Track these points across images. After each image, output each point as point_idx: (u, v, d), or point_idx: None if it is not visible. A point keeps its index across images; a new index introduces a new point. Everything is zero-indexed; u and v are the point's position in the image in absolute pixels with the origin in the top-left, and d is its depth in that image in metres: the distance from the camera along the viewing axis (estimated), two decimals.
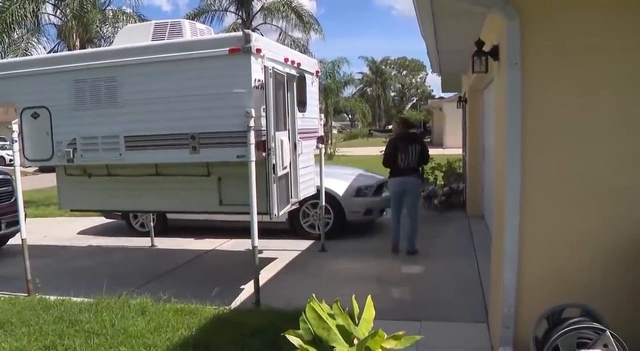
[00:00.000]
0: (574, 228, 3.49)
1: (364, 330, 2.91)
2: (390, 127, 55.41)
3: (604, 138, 3.40)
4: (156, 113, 5.31)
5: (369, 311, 3.01)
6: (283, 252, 7.49)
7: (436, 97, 61.18)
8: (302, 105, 6.50)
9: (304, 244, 8.00)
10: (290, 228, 8.34)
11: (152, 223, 8.27)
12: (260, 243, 5.35)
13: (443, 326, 4.64)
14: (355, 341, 2.77)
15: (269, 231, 7.69)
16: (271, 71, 5.16)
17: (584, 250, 3.47)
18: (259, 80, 5.15)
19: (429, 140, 43.58)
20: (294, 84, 6.16)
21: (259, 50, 5.10)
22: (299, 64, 6.32)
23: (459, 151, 20.80)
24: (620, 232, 3.40)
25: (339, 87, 32.53)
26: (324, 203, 7.56)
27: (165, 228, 8.79)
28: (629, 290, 3.39)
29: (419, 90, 69.91)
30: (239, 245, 8.11)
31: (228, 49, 5.02)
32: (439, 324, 4.68)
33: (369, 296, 3.09)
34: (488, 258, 6.73)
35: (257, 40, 5.11)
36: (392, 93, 65.06)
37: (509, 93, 3.48)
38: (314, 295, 2.98)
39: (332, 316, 2.89)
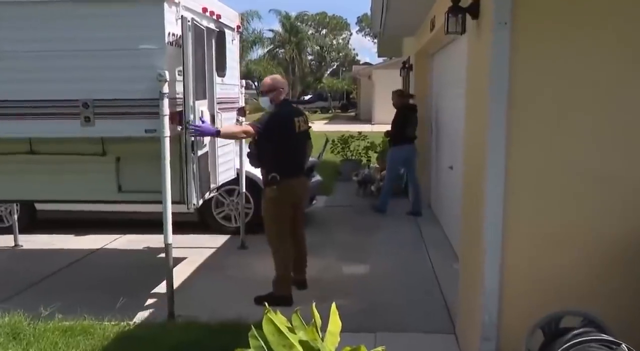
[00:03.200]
0: (567, 221, 3.60)
1: (329, 345, 2.87)
2: (307, 97, 55.85)
3: (600, 117, 3.53)
4: (35, 72, 4.89)
5: (335, 323, 2.96)
6: (193, 250, 7.32)
7: (361, 62, 62.21)
8: (221, 68, 6.30)
9: (219, 240, 7.87)
10: (200, 221, 8.15)
11: (15, 216, 7.73)
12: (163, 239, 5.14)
13: (402, 338, 4.70)
14: None
15: (173, 224, 7.45)
16: (190, 23, 4.94)
17: (579, 247, 3.60)
18: (173, 35, 4.92)
19: (353, 114, 44.27)
20: (213, 41, 5.98)
21: None
22: (218, 16, 6.11)
23: None
24: (620, 225, 3.56)
25: (246, 47, 32.16)
26: (244, 190, 7.44)
27: (33, 222, 8.27)
28: (629, 292, 3.57)
29: (340, 54, 70.53)
30: (134, 242, 7.85)
31: None
32: (397, 336, 4.74)
33: (334, 305, 3.04)
34: (442, 255, 7.02)
35: None
36: (309, 57, 65.18)
37: (495, 60, 3.51)
38: (266, 305, 2.89)
39: (291, 330, 2.82)
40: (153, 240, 7.73)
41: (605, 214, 3.58)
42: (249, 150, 5.82)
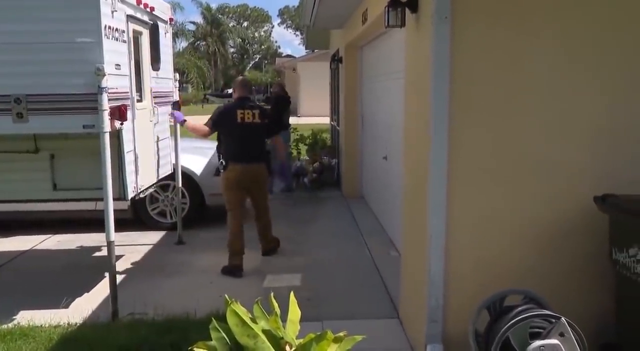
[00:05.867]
0: (505, 205, 3.81)
1: (290, 333, 2.94)
2: (230, 91, 55.34)
3: (536, 106, 3.74)
4: None
5: (295, 312, 3.04)
6: (130, 247, 7.18)
7: (283, 54, 62.22)
8: (155, 61, 6.25)
9: (155, 236, 7.77)
10: (134, 218, 8.02)
11: None
12: (97, 237, 5.05)
13: (348, 326, 4.66)
14: (288, 348, 2.79)
15: None
16: (125, 16, 4.88)
17: (517, 229, 3.81)
18: (109, 28, 4.84)
19: None
20: (147, 34, 5.93)
21: None
22: (152, 9, 6.04)
23: (319, 120, 21.50)
24: (553, 207, 3.80)
25: None
26: (180, 185, 7.39)
27: None
28: (564, 271, 3.82)
29: (263, 47, 70.35)
30: (64, 242, 7.63)
31: None
32: (343, 323, 4.80)
33: (292, 294, 3.11)
34: (378, 243, 7.21)
35: None
36: (232, 50, 64.65)
37: (436, 53, 3.66)
38: (227, 296, 2.92)
39: (253, 320, 2.87)
40: (84, 239, 7.57)
41: (540, 198, 3.81)
42: None
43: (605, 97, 3.76)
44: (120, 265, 6.49)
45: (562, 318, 3.02)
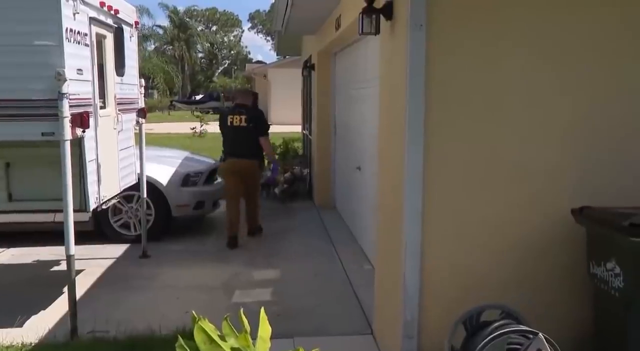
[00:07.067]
0: (482, 215, 3.82)
1: None
2: (198, 97, 55.19)
3: (513, 112, 3.78)
4: None
5: (265, 328, 2.99)
6: (92, 261, 7.04)
7: (253, 60, 62.25)
8: (120, 66, 6.17)
9: (118, 249, 7.62)
10: (95, 230, 7.88)
11: None
12: (56, 250, 4.93)
13: (320, 342, 4.70)
14: None
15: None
16: (88, 18, 4.81)
17: (494, 240, 3.83)
18: (71, 30, 4.76)
19: None
20: (112, 38, 5.85)
21: None
22: (116, 11, 5.96)
23: (290, 129, 21.46)
24: (530, 216, 3.83)
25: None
26: (145, 196, 7.28)
27: None
28: (542, 282, 3.84)
29: (232, 52, 70.32)
30: (20, 256, 7.44)
31: None
32: (315, 339, 4.78)
33: (262, 310, 3.06)
34: (351, 256, 7.20)
35: None
36: (200, 54, 64.44)
37: (412, 61, 3.67)
38: (194, 312, 2.86)
39: (222, 338, 2.82)
40: (41, 253, 7.41)
41: (516, 208, 3.83)
42: None
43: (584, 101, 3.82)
44: (80, 280, 6.32)
45: (540, 334, 3.03)
